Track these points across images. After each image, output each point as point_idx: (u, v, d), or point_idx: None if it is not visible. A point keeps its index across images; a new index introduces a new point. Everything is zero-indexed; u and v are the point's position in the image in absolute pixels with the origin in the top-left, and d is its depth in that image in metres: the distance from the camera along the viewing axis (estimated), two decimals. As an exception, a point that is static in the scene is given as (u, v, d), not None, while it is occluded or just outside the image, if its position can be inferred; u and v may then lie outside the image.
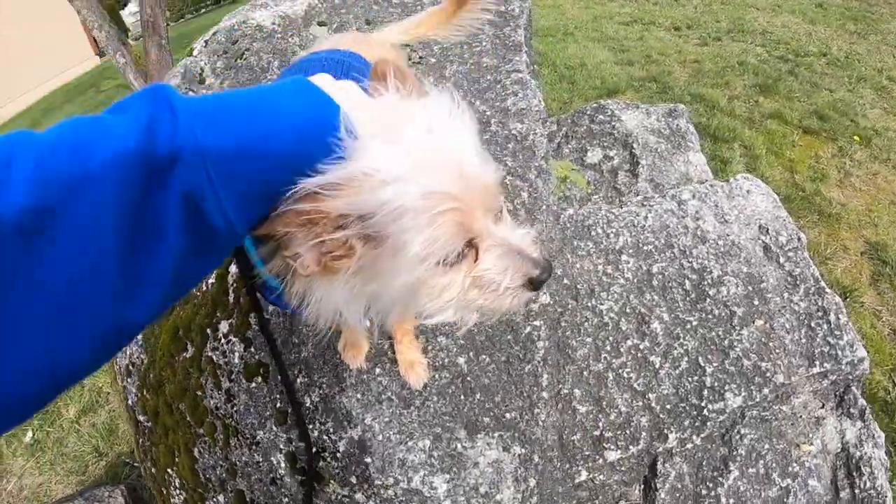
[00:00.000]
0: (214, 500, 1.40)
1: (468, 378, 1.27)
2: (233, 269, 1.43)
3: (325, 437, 1.23)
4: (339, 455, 1.21)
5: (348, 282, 0.60)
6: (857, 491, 1.44)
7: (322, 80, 0.62)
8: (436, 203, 0.56)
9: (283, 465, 1.28)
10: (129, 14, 20.19)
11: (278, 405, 1.29)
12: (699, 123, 4.29)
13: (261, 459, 1.31)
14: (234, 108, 0.51)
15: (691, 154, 1.96)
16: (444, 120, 0.60)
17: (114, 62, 5.38)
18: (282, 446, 1.29)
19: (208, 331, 1.41)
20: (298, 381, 1.26)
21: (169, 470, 1.55)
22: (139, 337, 1.60)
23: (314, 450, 1.22)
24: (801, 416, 1.47)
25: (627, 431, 1.34)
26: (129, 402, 1.65)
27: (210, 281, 1.47)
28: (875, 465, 1.45)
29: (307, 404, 1.25)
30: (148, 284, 0.47)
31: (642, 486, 1.42)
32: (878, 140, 4.14)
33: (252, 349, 1.34)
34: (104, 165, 0.42)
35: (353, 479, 1.20)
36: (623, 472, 1.36)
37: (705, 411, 1.37)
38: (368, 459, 1.19)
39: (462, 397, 1.26)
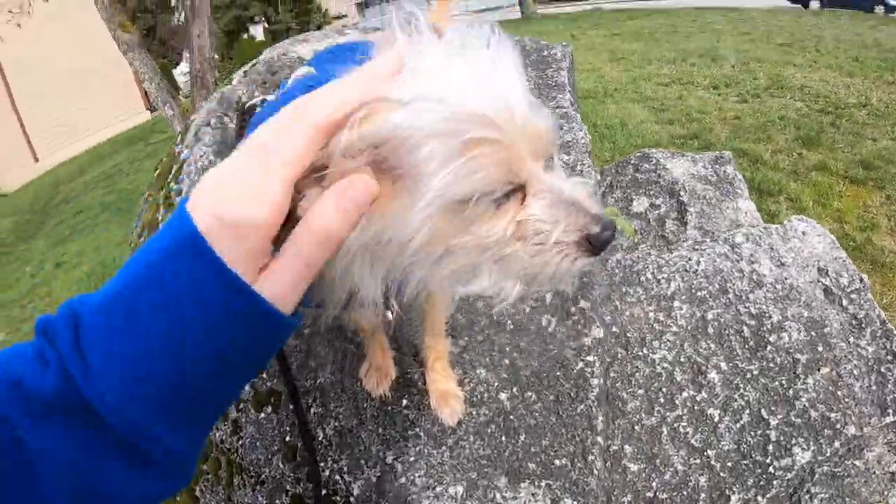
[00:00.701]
0: (215, 547, 1.26)
1: (511, 417, 1.15)
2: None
3: (337, 476, 1.09)
4: (352, 500, 1.08)
5: (361, 232, 0.47)
6: (936, 554, 1.28)
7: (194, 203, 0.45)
8: (468, 128, 0.45)
9: (288, 509, 1.15)
10: (181, 74, 21.55)
11: (287, 439, 1.17)
12: (743, 177, 4.31)
13: (265, 502, 1.18)
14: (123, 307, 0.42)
15: (741, 201, 1.92)
16: (485, 49, 0.49)
17: (163, 114, 5.63)
18: (288, 487, 1.15)
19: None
20: (312, 410, 1.15)
21: (169, 511, 1.42)
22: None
23: (324, 492, 1.09)
24: (874, 472, 1.34)
25: (684, 492, 1.21)
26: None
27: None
28: (957, 525, 1.30)
29: (320, 437, 1.12)
30: None
31: (701, 556, 1.25)
32: (926, 186, 4.07)
33: (264, 375, 1.24)
34: None
35: (368, 530, 1.05)
36: (679, 538, 1.20)
37: (771, 468, 1.24)
38: (387, 506, 1.05)
39: (503, 438, 1.12)
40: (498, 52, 0.49)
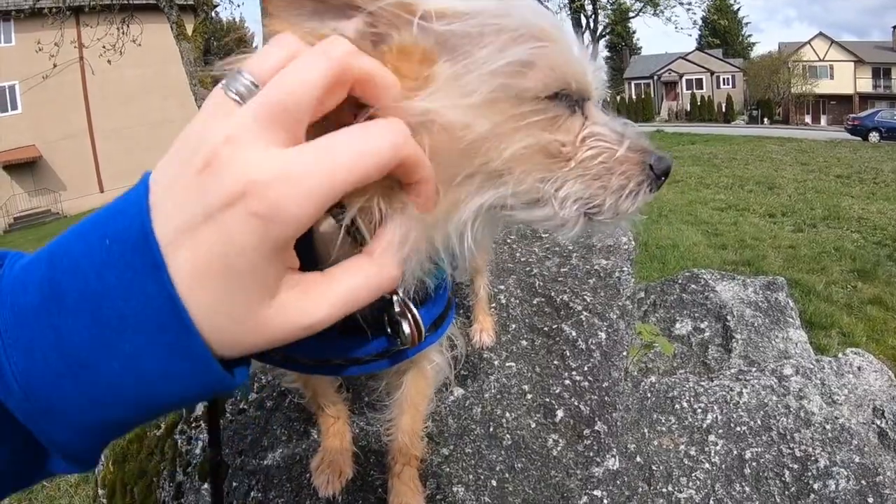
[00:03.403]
0: None
1: (489, 549, 0.98)
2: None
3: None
4: None
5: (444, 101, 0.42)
6: None
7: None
8: (553, 27, 0.45)
9: None
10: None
11: (223, 520, 1.02)
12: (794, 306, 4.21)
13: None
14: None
15: (791, 330, 1.87)
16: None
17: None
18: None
19: (184, 409, 1.22)
20: (251, 494, 1.01)
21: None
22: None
23: None
24: None
25: None
26: (98, 467, 1.47)
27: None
28: None
29: (250, 528, 0.97)
30: None
31: None
32: None
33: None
34: None
35: None
36: None
37: None
38: None
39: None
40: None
